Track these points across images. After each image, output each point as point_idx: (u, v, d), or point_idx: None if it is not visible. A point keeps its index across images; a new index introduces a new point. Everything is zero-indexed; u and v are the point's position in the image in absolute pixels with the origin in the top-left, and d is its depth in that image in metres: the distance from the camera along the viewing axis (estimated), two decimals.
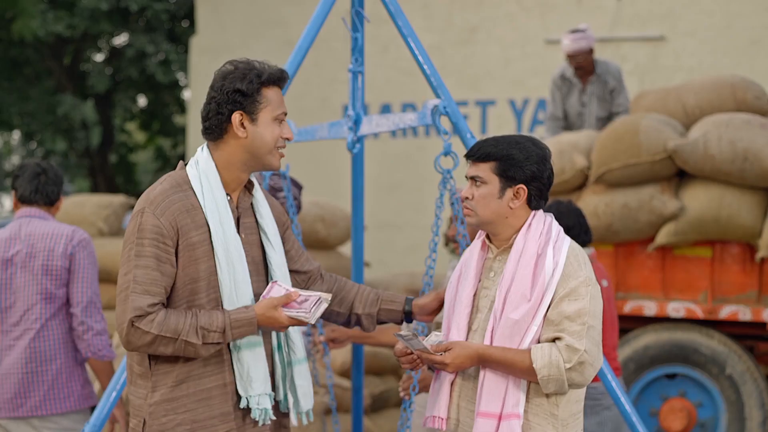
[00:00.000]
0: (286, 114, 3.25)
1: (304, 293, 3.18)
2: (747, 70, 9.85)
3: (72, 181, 23.49)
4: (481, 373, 3.24)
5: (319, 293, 3.19)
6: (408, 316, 3.51)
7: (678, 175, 6.89)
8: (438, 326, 3.56)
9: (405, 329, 4.02)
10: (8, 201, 26.26)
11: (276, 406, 3.33)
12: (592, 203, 6.88)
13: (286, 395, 3.31)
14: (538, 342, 3.20)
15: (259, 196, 3.34)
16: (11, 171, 22.27)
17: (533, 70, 11.92)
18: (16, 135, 22.36)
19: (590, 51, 8.00)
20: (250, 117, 3.19)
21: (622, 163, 6.79)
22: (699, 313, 6.84)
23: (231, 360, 3.19)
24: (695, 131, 6.79)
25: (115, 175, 19.94)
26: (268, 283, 3.30)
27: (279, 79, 3.23)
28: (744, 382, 6.83)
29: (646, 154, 6.73)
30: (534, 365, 3.15)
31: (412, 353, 3.29)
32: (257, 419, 3.21)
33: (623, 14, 11.79)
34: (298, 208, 4.86)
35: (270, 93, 3.21)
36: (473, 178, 3.32)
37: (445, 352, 3.23)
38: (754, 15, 11.39)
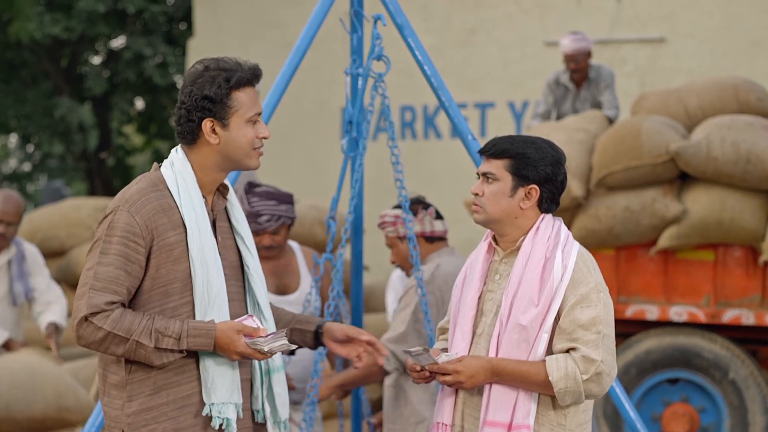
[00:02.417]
0: (260, 113, 3.15)
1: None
2: (747, 72, 9.78)
3: (69, 184, 23.43)
4: None
5: (283, 332, 3.10)
6: (318, 338, 3.36)
7: (680, 177, 6.84)
8: (442, 332, 3.50)
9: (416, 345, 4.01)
10: None
11: (252, 415, 3.20)
12: (593, 206, 6.83)
13: (263, 404, 3.21)
14: (549, 351, 3.13)
15: (234, 200, 3.26)
16: (9, 174, 22.18)
17: (532, 72, 11.85)
18: (13, 138, 22.31)
19: (588, 54, 8.05)
20: (221, 123, 3.10)
21: (623, 166, 6.73)
22: (701, 317, 6.79)
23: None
24: (698, 133, 6.74)
25: (112, 178, 19.87)
26: (246, 288, 3.23)
27: (250, 79, 3.13)
28: (747, 387, 6.77)
29: (648, 157, 6.68)
30: (550, 378, 3.08)
31: (423, 369, 3.21)
32: (216, 428, 3.08)
33: (623, 15, 11.73)
34: (292, 222, 4.90)
35: (241, 95, 3.11)
36: (485, 174, 3.25)
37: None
38: (754, 16, 11.34)
